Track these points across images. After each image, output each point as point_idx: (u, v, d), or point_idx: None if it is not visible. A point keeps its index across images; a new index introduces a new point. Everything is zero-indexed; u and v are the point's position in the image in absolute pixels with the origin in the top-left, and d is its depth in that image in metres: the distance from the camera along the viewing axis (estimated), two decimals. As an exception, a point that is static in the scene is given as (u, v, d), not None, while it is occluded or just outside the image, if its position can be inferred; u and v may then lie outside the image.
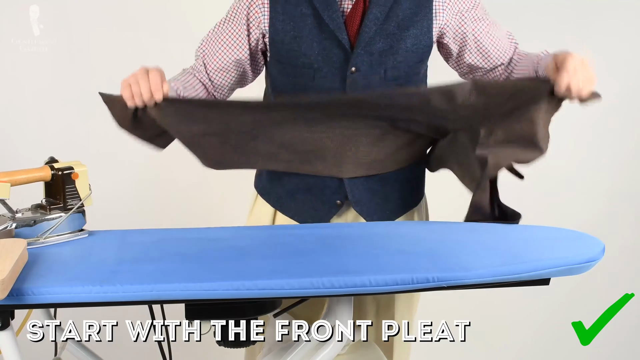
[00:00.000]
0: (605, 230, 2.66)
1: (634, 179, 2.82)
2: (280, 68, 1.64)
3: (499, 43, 1.69)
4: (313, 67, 1.60)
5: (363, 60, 1.59)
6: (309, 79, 1.61)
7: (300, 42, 1.59)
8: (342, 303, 1.37)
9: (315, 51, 1.59)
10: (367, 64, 1.59)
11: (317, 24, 1.58)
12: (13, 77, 2.58)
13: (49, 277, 1.28)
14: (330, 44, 1.59)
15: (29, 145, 2.57)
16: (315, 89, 1.61)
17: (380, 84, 1.61)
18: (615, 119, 2.79)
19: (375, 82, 1.61)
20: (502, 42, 1.69)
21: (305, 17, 1.59)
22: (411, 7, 1.60)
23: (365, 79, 1.60)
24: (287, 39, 1.60)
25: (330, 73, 1.60)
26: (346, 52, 1.59)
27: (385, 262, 1.33)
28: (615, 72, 2.77)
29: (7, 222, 1.51)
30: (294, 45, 1.60)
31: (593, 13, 2.73)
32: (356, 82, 1.60)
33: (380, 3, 1.58)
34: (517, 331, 2.85)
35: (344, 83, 1.60)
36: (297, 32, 1.59)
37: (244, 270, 1.29)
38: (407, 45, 1.60)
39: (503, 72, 1.72)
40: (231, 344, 1.34)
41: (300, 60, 1.61)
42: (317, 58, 1.59)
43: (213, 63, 1.68)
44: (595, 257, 1.35)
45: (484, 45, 1.67)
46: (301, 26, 1.59)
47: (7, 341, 1.26)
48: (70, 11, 2.58)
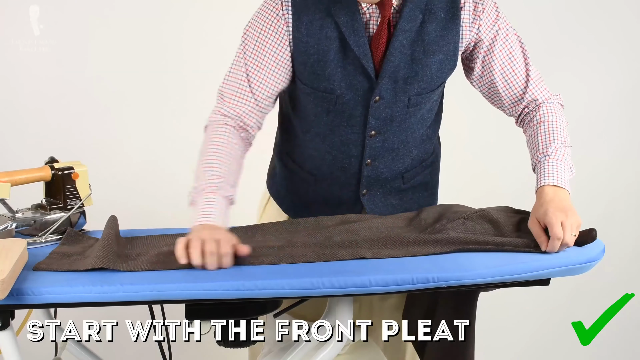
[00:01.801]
0: (605, 231, 2.67)
1: (634, 179, 2.82)
2: (302, 87, 1.59)
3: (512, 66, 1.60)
4: (335, 93, 1.55)
5: (387, 88, 1.55)
6: (331, 103, 1.57)
7: (325, 66, 1.53)
8: (342, 303, 1.37)
9: (339, 77, 1.54)
10: (391, 91, 1.56)
11: (342, 48, 1.52)
12: (13, 77, 2.58)
13: (49, 277, 1.28)
14: (354, 70, 1.53)
15: (29, 145, 2.57)
16: (337, 113, 1.58)
17: (402, 111, 1.58)
18: (615, 119, 2.80)
19: (398, 110, 1.58)
20: (516, 65, 1.61)
21: (330, 41, 1.52)
22: (437, 29, 1.54)
23: (388, 107, 1.57)
24: (310, 61, 1.54)
25: (353, 100, 1.57)
26: (371, 80, 1.54)
27: (385, 262, 1.33)
28: (615, 72, 2.77)
29: (7, 222, 1.51)
30: (317, 68, 1.54)
31: (593, 13, 2.73)
32: (379, 111, 1.57)
33: (406, 29, 1.52)
34: (517, 331, 2.85)
35: (366, 110, 1.57)
36: (321, 56, 1.52)
37: (244, 270, 1.29)
38: (432, 72, 1.56)
39: (514, 108, 1.64)
40: (231, 344, 1.34)
41: (323, 84, 1.55)
42: (341, 84, 1.54)
43: (262, 92, 1.56)
44: (595, 257, 1.35)
45: (496, 58, 1.59)
46: (325, 50, 1.52)
47: (7, 341, 1.26)
48: (70, 11, 2.58)
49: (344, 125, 1.59)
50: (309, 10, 1.52)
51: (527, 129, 1.62)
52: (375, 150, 1.62)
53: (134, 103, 2.65)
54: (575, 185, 2.96)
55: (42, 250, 1.43)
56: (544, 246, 1.37)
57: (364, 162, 1.63)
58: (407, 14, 1.51)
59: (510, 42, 1.59)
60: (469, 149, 2.69)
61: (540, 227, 1.39)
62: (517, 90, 1.61)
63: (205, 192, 1.43)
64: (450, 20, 1.54)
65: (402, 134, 1.62)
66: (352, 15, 1.51)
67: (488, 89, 1.64)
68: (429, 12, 1.53)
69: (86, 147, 2.55)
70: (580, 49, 2.75)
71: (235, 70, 1.57)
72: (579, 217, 1.40)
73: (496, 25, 1.58)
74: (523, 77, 1.61)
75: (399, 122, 1.59)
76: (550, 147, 1.52)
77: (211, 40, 2.60)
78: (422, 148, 1.68)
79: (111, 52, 2.61)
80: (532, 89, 1.61)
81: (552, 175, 1.47)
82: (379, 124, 1.58)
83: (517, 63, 1.60)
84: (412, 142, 1.64)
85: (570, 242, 1.37)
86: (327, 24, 1.52)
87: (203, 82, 2.63)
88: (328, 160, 1.65)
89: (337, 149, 1.62)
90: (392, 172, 1.66)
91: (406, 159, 1.66)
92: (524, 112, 1.63)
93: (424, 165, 1.71)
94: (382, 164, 1.64)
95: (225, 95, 1.56)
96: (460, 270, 1.27)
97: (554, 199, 1.42)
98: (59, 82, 2.60)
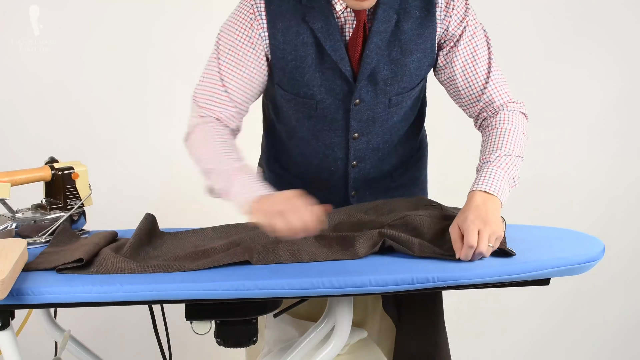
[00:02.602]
0: (605, 230, 2.67)
1: (634, 179, 2.82)
2: (282, 93, 1.59)
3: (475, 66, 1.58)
4: (316, 98, 1.55)
5: (367, 90, 1.55)
6: (312, 108, 1.58)
7: (303, 72, 1.53)
8: (342, 303, 1.37)
9: (317, 82, 1.54)
10: (371, 94, 1.56)
11: (319, 53, 1.52)
12: (13, 77, 2.58)
13: (49, 277, 1.28)
14: (333, 75, 1.53)
15: (29, 145, 2.57)
16: (318, 118, 1.59)
17: (384, 112, 1.58)
18: (614, 119, 2.80)
19: (379, 111, 1.58)
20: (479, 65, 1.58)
21: (306, 47, 1.52)
22: (413, 28, 1.54)
23: (369, 109, 1.57)
24: (288, 68, 1.54)
25: (333, 104, 1.57)
26: (349, 83, 1.54)
27: (385, 262, 1.33)
28: (614, 72, 2.77)
29: (7, 222, 1.51)
30: (295, 75, 1.54)
31: (593, 13, 2.73)
32: (360, 113, 1.57)
33: (381, 30, 1.52)
34: (517, 331, 2.85)
35: (347, 113, 1.57)
36: (298, 62, 1.53)
37: (244, 270, 1.29)
38: (411, 71, 1.55)
39: (474, 107, 1.60)
40: (231, 344, 1.34)
41: (303, 90, 1.55)
42: (320, 89, 1.54)
43: (238, 96, 1.55)
44: (595, 257, 1.35)
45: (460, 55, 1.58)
46: (303, 56, 1.52)
47: (7, 341, 1.26)
48: (70, 11, 2.58)
49: (327, 129, 1.60)
50: (284, 17, 1.52)
51: (482, 135, 1.58)
52: (360, 151, 1.62)
53: (134, 103, 2.65)
54: (575, 185, 2.96)
55: (42, 250, 1.43)
56: (458, 253, 1.32)
57: (350, 164, 1.63)
58: (381, 15, 1.51)
59: (476, 40, 1.58)
60: (458, 145, 2.68)
61: (459, 233, 1.34)
62: (476, 89, 1.58)
63: (237, 174, 1.40)
64: (425, 18, 1.54)
65: (385, 134, 1.62)
66: (326, 20, 1.51)
67: (449, 84, 1.61)
68: (403, 11, 1.53)
69: (86, 147, 2.56)
70: (581, 49, 2.75)
71: (209, 76, 1.55)
72: (501, 229, 1.35)
73: (464, 22, 1.56)
74: (483, 76, 1.57)
75: (381, 123, 1.60)
76: (494, 154, 1.47)
77: (214, 41, 2.60)
78: (408, 145, 1.69)
79: (111, 52, 2.61)
80: (490, 90, 1.57)
81: (486, 182, 1.41)
82: (361, 126, 1.59)
83: (480, 62, 1.57)
84: (397, 141, 1.65)
85: (485, 252, 1.32)
86: (302, 30, 1.52)
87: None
88: (314, 164, 1.65)
89: (322, 152, 1.63)
90: (379, 172, 1.67)
91: (393, 158, 1.67)
92: (481, 116, 1.60)
93: (411, 161, 1.72)
94: (369, 164, 1.64)
95: (200, 100, 1.55)
96: (460, 270, 1.27)
97: (479, 206, 1.37)
98: (59, 82, 2.60)
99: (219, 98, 1.54)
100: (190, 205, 2.65)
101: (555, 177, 2.79)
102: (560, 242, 1.43)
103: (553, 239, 1.46)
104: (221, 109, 1.54)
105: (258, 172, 1.43)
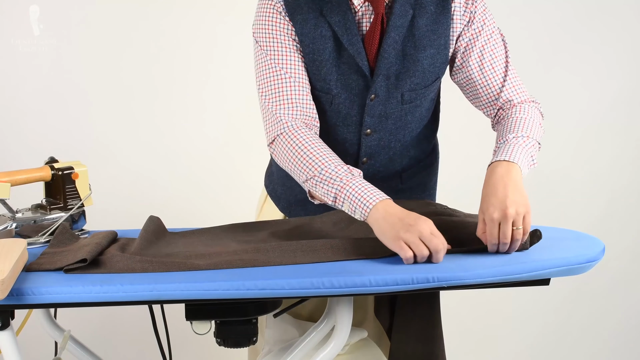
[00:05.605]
0: (605, 230, 2.67)
1: (634, 179, 2.82)
2: None
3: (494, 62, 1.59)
4: (331, 93, 1.56)
5: (381, 85, 1.55)
6: (327, 103, 1.58)
7: (320, 65, 1.53)
8: (342, 303, 1.37)
9: (334, 76, 1.54)
10: (384, 88, 1.56)
11: (336, 47, 1.52)
12: (13, 77, 2.58)
13: (49, 277, 1.28)
14: (349, 69, 1.53)
15: (29, 145, 2.57)
16: (333, 113, 1.58)
17: (397, 108, 1.58)
18: (615, 119, 2.80)
19: (392, 107, 1.57)
20: (497, 61, 1.59)
21: (324, 40, 1.52)
22: (428, 23, 1.53)
23: (382, 104, 1.57)
24: (306, 61, 1.53)
25: (348, 99, 1.57)
26: (366, 78, 1.54)
27: (385, 262, 1.33)
28: (614, 72, 2.77)
29: (7, 222, 1.51)
30: (312, 68, 1.53)
31: (592, 13, 2.73)
32: (374, 109, 1.57)
33: (398, 24, 1.51)
34: (517, 331, 2.85)
35: (362, 109, 1.57)
36: (316, 55, 1.52)
37: (244, 270, 1.29)
38: (423, 66, 1.55)
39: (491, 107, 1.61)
40: (231, 344, 1.34)
41: (319, 84, 1.55)
42: (337, 84, 1.54)
43: (303, 85, 1.54)
44: (595, 257, 1.35)
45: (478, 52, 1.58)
46: (321, 49, 1.52)
47: (7, 341, 1.26)
48: (70, 11, 2.58)
49: (340, 124, 1.60)
50: (302, 9, 1.52)
51: (498, 127, 1.58)
52: (370, 148, 1.62)
53: (134, 103, 2.65)
54: (575, 186, 2.96)
55: (42, 250, 1.43)
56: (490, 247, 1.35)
57: (360, 160, 1.63)
58: (399, 10, 1.51)
59: (494, 39, 1.58)
60: (467, 150, 2.69)
61: (483, 229, 1.36)
62: (494, 89, 1.58)
63: (348, 179, 1.39)
64: (440, 14, 1.54)
65: (398, 132, 1.62)
66: (344, 14, 1.51)
67: (466, 84, 1.61)
68: (419, 6, 1.53)
69: (86, 147, 2.56)
70: (581, 49, 2.75)
71: (269, 81, 1.53)
72: (525, 204, 1.35)
73: (482, 21, 1.57)
74: (501, 75, 1.58)
75: (394, 120, 1.59)
76: (510, 134, 1.46)
77: (216, 42, 2.61)
78: (419, 148, 1.68)
79: (111, 52, 2.61)
80: (508, 89, 1.57)
81: (505, 154, 1.40)
82: (374, 122, 1.58)
83: (498, 61, 1.58)
84: (409, 141, 1.64)
85: (516, 240, 1.34)
86: (320, 23, 1.52)
87: (206, 82, 2.64)
88: None
89: (333, 147, 1.62)
90: (389, 171, 1.66)
91: (404, 158, 1.66)
92: (499, 114, 1.60)
93: (422, 165, 1.71)
94: (379, 162, 1.64)
95: (271, 108, 1.52)
96: (460, 270, 1.27)
97: (496, 185, 1.36)
98: (59, 82, 2.60)
99: (290, 98, 1.52)
100: (190, 206, 2.66)
101: (555, 177, 2.79)
102: (560, 242, 1.43)
103: (553, 239, 1.46)
104: (298, 107, 1.52)
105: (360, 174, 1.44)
